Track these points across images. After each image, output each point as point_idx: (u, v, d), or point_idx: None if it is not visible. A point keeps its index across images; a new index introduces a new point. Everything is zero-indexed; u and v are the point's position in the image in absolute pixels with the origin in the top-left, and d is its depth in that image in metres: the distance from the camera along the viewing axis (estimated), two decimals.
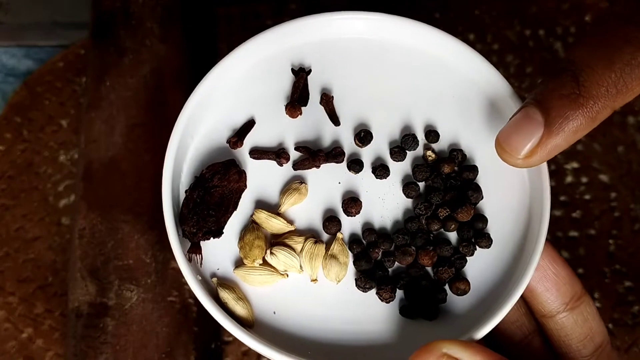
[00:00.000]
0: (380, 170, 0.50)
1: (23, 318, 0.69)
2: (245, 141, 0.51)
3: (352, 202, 0.49)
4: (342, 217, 0.50)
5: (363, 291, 0.48)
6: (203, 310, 0.62)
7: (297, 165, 0.50)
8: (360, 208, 0.49)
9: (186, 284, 0.62)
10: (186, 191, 0.49)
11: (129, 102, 0.68)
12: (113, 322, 0.61)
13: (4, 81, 0.80)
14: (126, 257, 0.62)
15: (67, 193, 0.73)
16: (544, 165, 0.48)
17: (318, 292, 0.48)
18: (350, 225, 0.50)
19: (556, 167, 0.71)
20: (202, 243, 0.48)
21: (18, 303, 0.69)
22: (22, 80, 0.79)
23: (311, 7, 0.78)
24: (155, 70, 0.69)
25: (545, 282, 0.50)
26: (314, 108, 0.52)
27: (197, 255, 0.48)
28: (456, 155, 0.50)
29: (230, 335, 0.65)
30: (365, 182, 0.50)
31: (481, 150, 0.51)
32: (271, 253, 0.47)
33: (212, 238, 0.48)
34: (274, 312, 0.48)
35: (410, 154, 0.51)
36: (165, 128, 0.65)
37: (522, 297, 0.47)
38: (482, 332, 0.46)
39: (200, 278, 0.47)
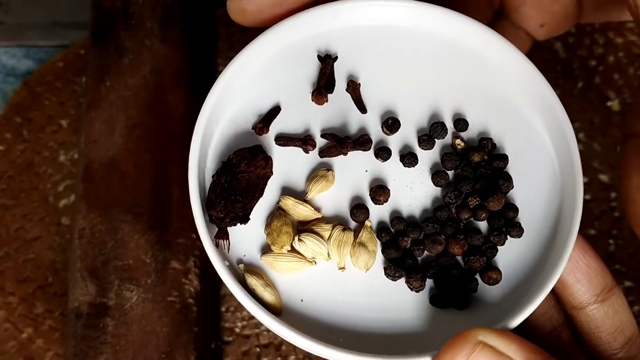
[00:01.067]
0: (409, 158, 0.47)
1: (23, 318, 0.66)
2: (270, 127, 0.48)
3: (380, 190, 0.46)
4: (370, 205, 0.47)
5: (392, 280, 0.45)
6: (203, 310, 0.60)
7: (323, 153, 0.47)
8: (389, 196, 0.47)
9: (186, 284, 0.60)
10: (213, 176, 0.46)
11: (129, 102, 0.66)
12: (113, 322, 0.58)
13: (4, 81, 0.77)
14: (126, 257, 0.60)
15: (67, 193, 0.71)
16: (576, 154, 0.46)
17: (346, 280, 0.45)
18: (378, 213, 0.47)
19: None
20: (228, 229, 0.45)
21: (18, 303, 0.66)
22: (22, 80, 0.76)
23: None
24: (155, 70, 0.67)
25: (577, 273, 0.48)
26: (340, 95, 0.49)
27: (225, 241, 0.45)
28: (486, 144, 0.48)
29: (230, 335, 0.64)
30: (392, 171, 0.48)
31: (511, 139, 0.49)
32: (299, 240, 0.45)
33: (239, 224, 0.45)
34: (302, 300, 0.45)
35: (438, 143, 0.48)
36: (165, 128, 0.64)
37: (552, 288, 0.45)
38: (516, 321, 0.43)
39: (227, 264, 0.44)
